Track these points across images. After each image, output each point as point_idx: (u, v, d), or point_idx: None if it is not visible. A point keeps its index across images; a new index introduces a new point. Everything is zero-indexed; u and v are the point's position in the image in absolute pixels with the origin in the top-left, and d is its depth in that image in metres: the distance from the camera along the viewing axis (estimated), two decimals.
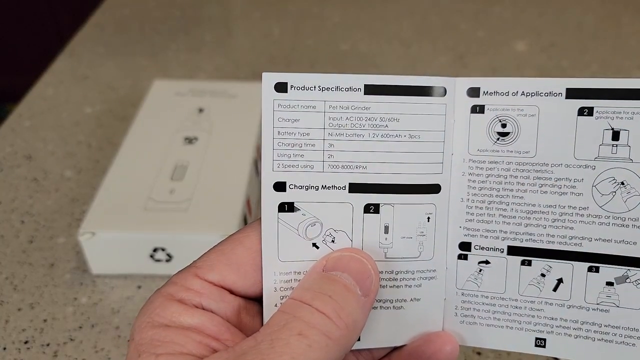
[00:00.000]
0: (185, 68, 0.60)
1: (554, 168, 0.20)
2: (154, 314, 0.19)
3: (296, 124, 0.20)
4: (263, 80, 0.21)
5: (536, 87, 0.20)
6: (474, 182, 0.21)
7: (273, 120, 0.20)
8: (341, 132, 0.20)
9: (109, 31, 0.68)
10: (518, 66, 0.61)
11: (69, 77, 0.59)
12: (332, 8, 0.73)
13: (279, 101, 0.20)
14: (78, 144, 0.50)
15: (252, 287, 0.21)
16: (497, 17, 0.72)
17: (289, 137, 0.20)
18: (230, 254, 0.20)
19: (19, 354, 0.33)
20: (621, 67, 0.61)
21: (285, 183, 0.20)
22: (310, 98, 0.20)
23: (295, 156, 0.20)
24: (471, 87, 0.21)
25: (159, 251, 0.36)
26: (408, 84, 0.21)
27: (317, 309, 0.18)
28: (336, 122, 0.20)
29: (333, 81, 0.20)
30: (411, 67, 0.61)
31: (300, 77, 0.20)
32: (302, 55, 0.63)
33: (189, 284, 0.20)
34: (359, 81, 0.20)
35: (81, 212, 0.43)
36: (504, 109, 0.20)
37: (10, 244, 0.40)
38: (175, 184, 0.39)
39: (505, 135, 0.20)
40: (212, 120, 0.45)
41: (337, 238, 0.20)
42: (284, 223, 0.20)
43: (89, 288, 0.37)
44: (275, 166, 0.20)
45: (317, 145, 0.20)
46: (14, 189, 0.45)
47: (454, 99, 0.21)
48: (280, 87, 0.20)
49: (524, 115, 0.20)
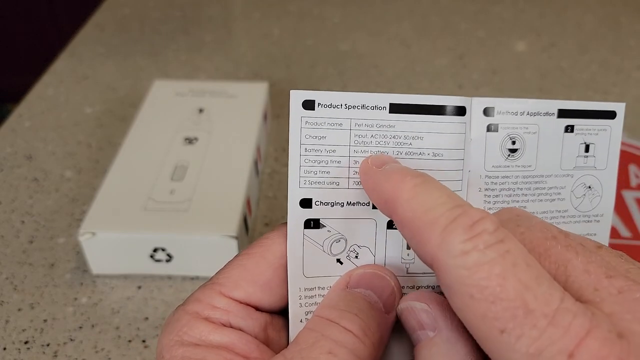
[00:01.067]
0: (186, 68, 0.61)
1: (547, 178, 0.22)
2: (181, 333, 0.19)
3: (323, 141, 0.20)
4: (291, 97, 0.21)
5: (537, 108, 0.22)
6: (489, 197, 0.22)
7: (300, 137, 0.21)
8: (366, 149, 0.21)
9: (109, 31, 0.68)
10: (518, 66, 0.61)
11: (69, 77, 0.59)
12: (332, 8, 0.73)
13: (306, 118, 0.21)
14: (78, 144, 0.50)
15: (278, 302, 0.21)
16: (497, 17, 0.72)
17: (315, 154, 0.20)
18: (254, 270, 0.20)
19: (19, 354, 0.33)
20: (621, 67, 0.61)
21: (312, 200, 0.20)
22: (336, 116, 0.20)
23: (321, 173, 0.20)
24: (487, 106, 0.22)
25: (159, 251, 0.36)
26: (431, 103, 0.21)
27: (344, 328, 0.18)
28: (362, 139, 0.21)
29: (359, 100, 0.21)
30: (411, 67, 0.61)
31: (328, 95, 0.21)
32: (302, 56, 0.63)
33: (214, 302, 0.20)
34: (384, 100, 0.21)
35: (81, 212, 0.43)
36: (514, 127, 0.22)
37: (10, 244, 0.40)
38: (176, 184, 0.39)
39: (515, 152, 0.22)
40: (213, 120, 0.45)
41: (360, 254, 0.21)
42: (309, 239, 0.20)
43: (89, 288, 0.37)
44: (302, 183, 0.20)
45: (343, 162, 0.20)
46: (14, 189, 0.45)
47: (470, 118, 0.22)
48: (307, 105, 0.21)
49: (528, 132, 0.22)
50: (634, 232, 0.41)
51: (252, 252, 0.20)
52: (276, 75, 0.59)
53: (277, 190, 0.45)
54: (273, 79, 0.59)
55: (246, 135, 0.43)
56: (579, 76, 0.60)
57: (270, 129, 0.52)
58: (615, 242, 0.41)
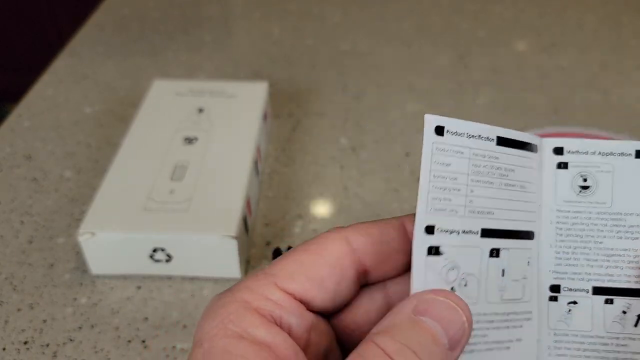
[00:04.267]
0: (185, 68, 0.60)
1: (627, 217, 0.23)
2: (227, 320, 0.18)
3: (448, 168, 0.21)
4: (425, 122, 0.21)
5: (610, 149, 0.23)
6: (560, 230, 0.23)
7: (431, 163, 0.21)
8: (479, 178, 0.22)
9: (109, 31, 0.68)
10: (518, 66, 0.61)
11: (68, 77, 0.59)
12: (332, 8, 0.73)
13: (437, 144, 0.21)
14: (78, 144, 0.50)
15: (329, 302, 0.20)
16: (497, 17, 0.71)
17: (441, 180, 0.21)
18: (310, 266, 0.19)
19: (18, 355, 0.33)
20: (621, 68, 0.61)
21: (434, 226, 0.21)
22: (459, 144, 0.22)
23: (444, 200, 0.21)
24: (556, 146, 0.24)
25: (158, 251, 0.36)
26: (519, 139, 0.23)
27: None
28: (476, 168, 0.22)
29: (476, 130, 0.22)
30: (411, 66, 0.61)
31: (455, 123, 0.22)
32: (302, 56, 0.63)
33: (268, 293, 0.19)
34: (493, 133, 0.22)
35: (81, 213, 0.43)
36: (585, 165, 0.23)
37: (9, 244, 0.40)
38: (175, 184, 0.39)
39: (586, 189, 0.23)
40: (212, 120, 0.45)
41: (468, 282, 0.21)
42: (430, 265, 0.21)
43: (89, 288, 0.37)
44: (428, 209, 0.21)
45: (462, 190, 0.21)
46: (14, 189, 0.45)
47: (542, 155, 0.24)
48: (438, 131, 0.21)
49: (601, 171, 0.23)
50: None
51: (309, 249, 0.20)
52: (276, 75, 0.59)
53: (277, 191, 0.45)
54: (273, 79, 0.59)
55: (246, 135, 0.43)
56: (580, 76, 0.60)
57: (270, 129, 0.52)
58: None
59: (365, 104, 0.55)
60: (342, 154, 0.49)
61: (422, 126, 0.20)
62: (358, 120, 0.53)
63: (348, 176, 0.47)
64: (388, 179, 0.46)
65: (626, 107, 0.55)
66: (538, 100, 0.56)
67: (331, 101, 0.56)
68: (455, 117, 0.22)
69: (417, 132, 0.51)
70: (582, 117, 0.54)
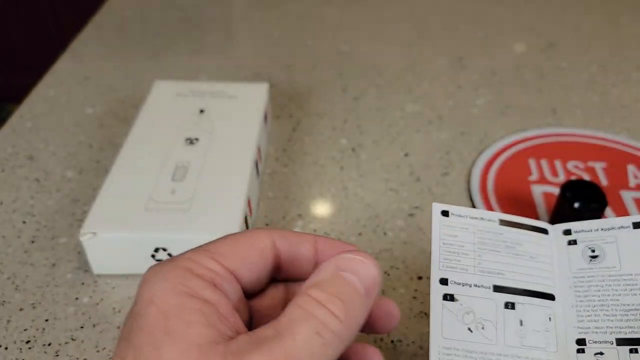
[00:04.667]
0: (186, 69, 0.61)
1: (637, 276, 0.27)
2: (176, 282, 0.20)
3: (455, 239, 0.27)
4: (433, 208, 0.28)
5: (611, 224, 0.28)
6: (579, 292, 0.27)
7: (439, 235, 0.27)
8: (485, 247, 0.27)
9: (110, 32, 0.68)
10: (517, 67, 0.62)
11: (70, 78, 0.60)
12: (332, 9, 0.73)
13: (443, 222, 0.27)
14: (79, 144, 0.50)
15: (254, 285, 0.23)
16: (496, 18, 0.72)
17: (450, 247, 0.27)
18: (243, 250, 0.23)
19: (20, 354, 0.33)
20: (620, 68, 0.62)
21: (448, 279, 0.26)
22: (464, 223, 0.28)
23: (454, 260, 0.27)
24: (565, 229, 0.29)
25: (160, 251, 0.37)
26: (525, 222, 0.28)
27: (331, 311, 0.20)
28: (482, 240, 0.27)
29: (479, 214, 0.28)
30: (411, 68, 0.61)
31: (458, 209, 0.28)
32: (303, 57, 0.63)
33: (207, 264, 0.22)
34: (495, 217, 0.28)
35: (82, 213, 0.43)
36: (591, 240, 0.28)
37: (11, 244, 0.41)
38: (176, 184, 0.39)
39: (595, 257, 0.27)
40: (213, 121, 0.45)
41: (485, 326, 0.26)
42: (447, 309, 0.26)
43: (91, 288, 0.37)
44: (441, 266, 0.27)
45: (470, 254, 0.27)
46: (16, 189, 0.45)
47: (553, 237, 0.29)
48: (444, 213, 0.28)
49: (606, 242, 0.28)
50: None
51: (241, 237, 0.23)
52: (277, 76, 0.60)
53: (277, 191, 0.45)
54: (273, 80, 0.59)
55: (247, 135, 0.44)
56: (578, 77, 0.60)
57: (271, 130, 0.52)
58: None
59: (364, 105, 0.56)
60: (341, 154, 0.49)
61: (422, 126, 0.21)
62: (358, 120, 0.53)
63: (348, 176, 0.47)
64: (387, 179, 0.47)
65: (624, 107, 0.56)
66: (536, 101, 0.56)
67: (331, 102, 0.56)
68: (454, 116, 0.23)
69: (416, 133, 0.52)
70: (580, 117, 0.54)
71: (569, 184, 0.39)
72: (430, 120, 0.53)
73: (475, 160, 0.48)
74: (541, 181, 0.46)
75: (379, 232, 0.42)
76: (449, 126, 0.52)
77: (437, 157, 0.49)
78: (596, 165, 0.48)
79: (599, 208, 0.38)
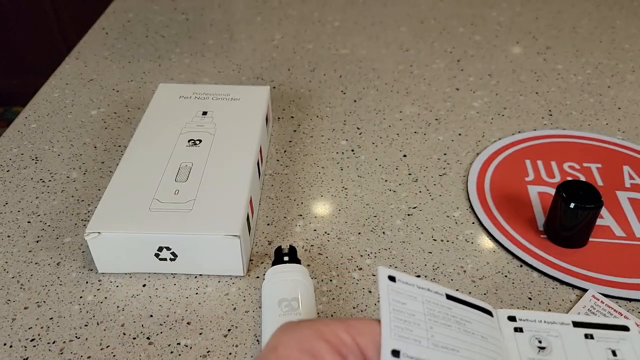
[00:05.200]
0: (189, 71, 0.61)
1: None
2: (304, 339, 0.22)
3: (404, 306, 0.25)
4: (379, 272, 0.25)
5: (552, 319, 0.28)
6: None
7: (389, 299, 0.25)
8: (436, 320, 0.25)
9: (114, 35, 0.69)
10: (514, 69, 0.62)
11: (74, 80, 0.60)
12: (332, 13, 0.74)
13: (392, 288, 0.25)
14: (84, 145, 0.51)
15: None
16: (493, 21, 0.72)
17: (400, 314, 0.25)
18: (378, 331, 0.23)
19: (25, 352, 0.34)
20: (615, 70, 0.62)
21: (400, 351, 0.23)
22: (411, 291, 0.26)
23: (406, 330, 0.24)
24: (509, 315, 0.28)
25: (163, 250, 0.37)
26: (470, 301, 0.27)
27: None
28: (431, 312, 0.25)
29: (425, 285, 0.26)
30: (409, 70, 0.62)
31: (405, 276, 0.26)
32: (303, 59, 0.64)
33: (340, 333, 0.22)
34: (441, 290, 0.26)
35: (87, 213, 0.43)
36: (536, 330, 0.28)
37: (17, 243, 0.41)
38: (180, 184, 0.40)
39: (544, 349, 0.27)
40: (216, 122, 0.46)
41: None
42: None
43: (95, 286, 0.38)
44: (392, 334, 0.24)
45: (422, 325, 0.25)
46: (21, 189, 0.46)
47: (497, 320, 0.28)
48: (391, 278, 0.26)
49: (551, 335, 0.27)
50: (628, 232, 0.42)
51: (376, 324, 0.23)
52: (278, 79, 0.60)
53: (278, 191, 0.46)
54: (275, 82, 0.60)
55: (248, 137, 0.44)
56: (574, 79, 0.61)
57: (272, 131, 0.53)
58: (610, 242, 0.41)
59: (364, 107, 0.56)
60: (341, 155, 0.50)
61: (420, 128, 0.21)
62: (357, 122, 0.54)
63: (347, 177, 0.47)
64: (386, 180, 0.47)
65: (619, 109, 0.56)
66: (533, 103, 0.57)
67: (331, 104, 0.57)
68: (452, 118, 0.23)
69: (414, 134, 0.52)
70: (576, 119, 0.55)
71: (565, 185, 0.40)
72: (428, 121, 0.54)
73: (472, 161, 0.49)
74: (537, 182, 0.47)
75: (377, 231, 0.42)
76: (447, 127, 0.53)
77: (435, 158, 0.50)
78: (592, 166, 0.49)
79: (594, 208, 0.39)
